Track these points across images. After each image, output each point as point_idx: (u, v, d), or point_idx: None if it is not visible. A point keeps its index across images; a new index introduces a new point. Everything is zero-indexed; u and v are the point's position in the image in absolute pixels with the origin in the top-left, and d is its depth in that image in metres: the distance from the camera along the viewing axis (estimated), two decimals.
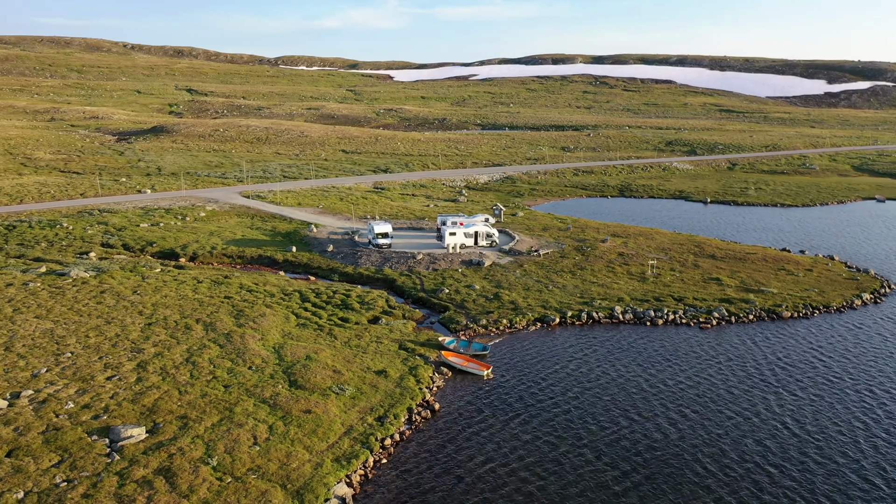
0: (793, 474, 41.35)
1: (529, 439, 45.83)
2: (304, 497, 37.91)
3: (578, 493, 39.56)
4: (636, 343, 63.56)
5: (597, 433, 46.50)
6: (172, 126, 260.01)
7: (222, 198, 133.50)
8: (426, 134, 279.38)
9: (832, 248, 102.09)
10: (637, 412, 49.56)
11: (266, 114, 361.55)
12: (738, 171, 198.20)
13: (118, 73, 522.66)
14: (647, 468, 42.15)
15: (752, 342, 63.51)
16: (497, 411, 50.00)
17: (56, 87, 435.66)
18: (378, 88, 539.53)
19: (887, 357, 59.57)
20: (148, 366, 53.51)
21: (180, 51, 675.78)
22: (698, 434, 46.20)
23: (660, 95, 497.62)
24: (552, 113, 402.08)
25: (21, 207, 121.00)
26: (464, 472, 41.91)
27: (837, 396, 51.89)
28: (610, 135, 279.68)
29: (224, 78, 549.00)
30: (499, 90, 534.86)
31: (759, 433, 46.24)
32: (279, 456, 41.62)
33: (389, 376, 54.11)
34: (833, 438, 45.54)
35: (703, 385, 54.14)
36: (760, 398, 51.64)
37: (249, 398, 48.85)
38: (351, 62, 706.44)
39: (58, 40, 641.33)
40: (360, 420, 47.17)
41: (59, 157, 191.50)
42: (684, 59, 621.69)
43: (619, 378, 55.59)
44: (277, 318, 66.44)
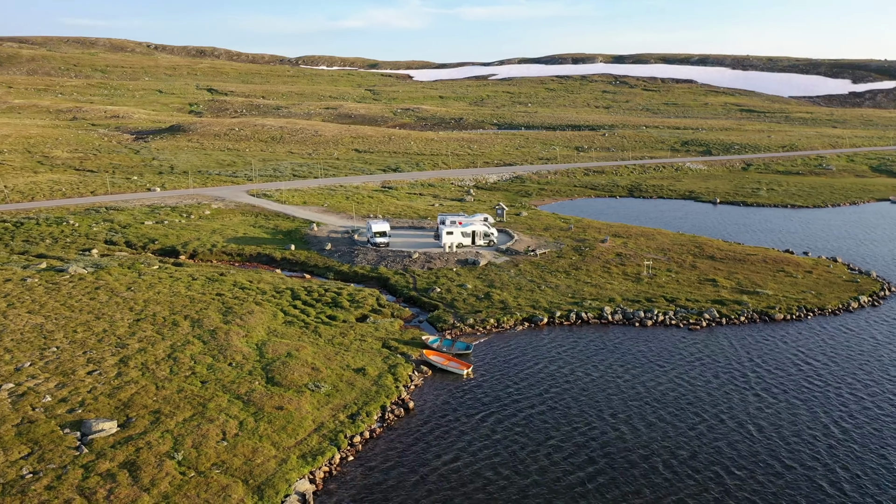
0: (758, 477, 40.85)
1: (500, 438, 45.73)
2: (264, 492, 38.20)
3: (540, 493, 39.41)
4: (622, 344, 63.12)
5: (569, 433, 46.27)
6: (189, 125, 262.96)
7: (229, 196, 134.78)
8: (440, 133, 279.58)
9: (837, 249, 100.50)
10: (612, 413, 49.24)
11: (284, 113, 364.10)
12: (753, 171, 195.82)
13: (141, 72, 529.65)
14: (613, 470, 41.87)
15: (738, 344, 62.79)
16: (472, 410, 49.96)
17: (80, 86, 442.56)
18: (397, 88, 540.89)
19: (872, 361, 58.57)
20: (130, 361, 54.23)
21: (202, 51, 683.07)
22: (669, 435, 45.79)
23: (680, 95, 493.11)
24: (570, 113, 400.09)
25: (32, 205, 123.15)
26: (428, 470, 41.94)
27: (814, 399, 51.15)
28: (625, 135, 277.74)
29: (245, 78, 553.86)
30: (518, 90, 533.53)
31: (730, 436, 45.72)
32: (245, 451, 41.97)
33: (368, 374, 54.29)
34: (802, 441, 44.99)
35: (682, 387, 53.63)
36: (737, 400, 51.06)
37: (225, 394, 49.33)
38: (371, 62, 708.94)
39: (83, 41, 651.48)
40: (331, 417, 47.39)
41: (75, 155, 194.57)
42: (706, 59, 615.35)
43: (600, 379, 55.24)
44: (265, 316, 66.97)
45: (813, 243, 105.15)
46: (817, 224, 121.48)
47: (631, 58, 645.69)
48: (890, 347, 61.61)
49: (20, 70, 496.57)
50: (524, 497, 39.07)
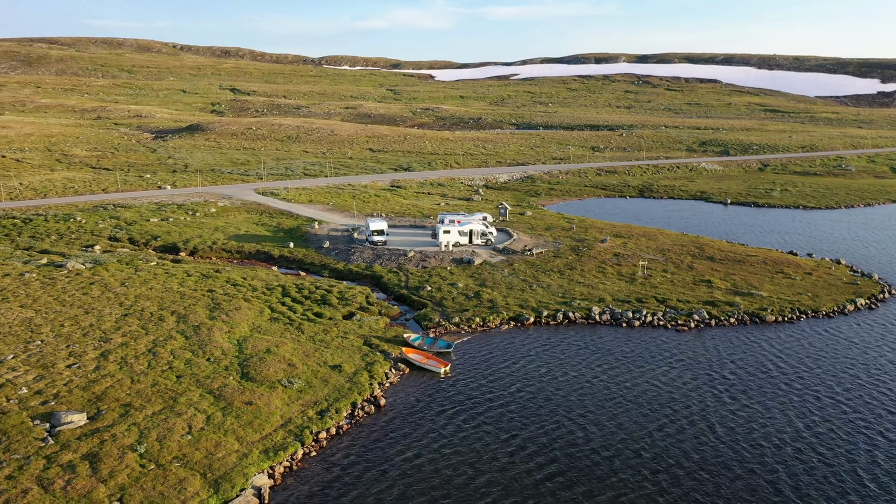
0: (717, 479, 40.25)
1: (466, 437, 45.61)
2: (220, 486, 38.53)
3: (494, 490, 39.24)
4: (605, 344, 62.58)
5: (535, 433, 46.00)
6: (208, 124, 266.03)
7: (237, 194, 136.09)
8: (456, 133, 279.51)
9: (843, 251, 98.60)
10: (582, 413, 48.85)
11: (304, 112, 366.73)
12: (769, 171, 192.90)
13: (166, 72, 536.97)
14: (572, 469, 41.56)
15: (722, 346, 61.93)
16: (443, 408, 49.88)
17: (106, 86, 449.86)
18: (418, 88, 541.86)
19: (856, 364, 57.35)
20: (110, 355, 55.02)
21: (227, 51, 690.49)
22: (636, 436, 45.33)
23: (703, 95, 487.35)
24: (590, 113, 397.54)
25: (44, 201, 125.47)
26: (389, 467, 41.96)
27: (790, 403, 50.32)
28: (643, 135, 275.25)
29: (268, 78, 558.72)
30: (539, 90, 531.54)
31: (698, 437, 45.15)
32: (208, 445, 42.36)
33: (343, 371, 54.49)
34: (770, 444, 44.36)
35: (658, 388, 53.04)
36: (711, 402, 50.39)
37: (197, 388, 49.83)
38: (393, 62, 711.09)
39: (111, 41, 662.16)
40: (300, 413, 47.64)
41: (93, 153, 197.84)
42: (731, 58, 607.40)
43: (576, 379, 54.82)
44: (252, 312, 67.52)
45: (819, 245, 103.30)
46: (826, 225, 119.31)
47: (654, 57, 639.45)
48: (875, 351, 60.35)
49: (49, 70, 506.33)
50: (479, 494, 38.94)
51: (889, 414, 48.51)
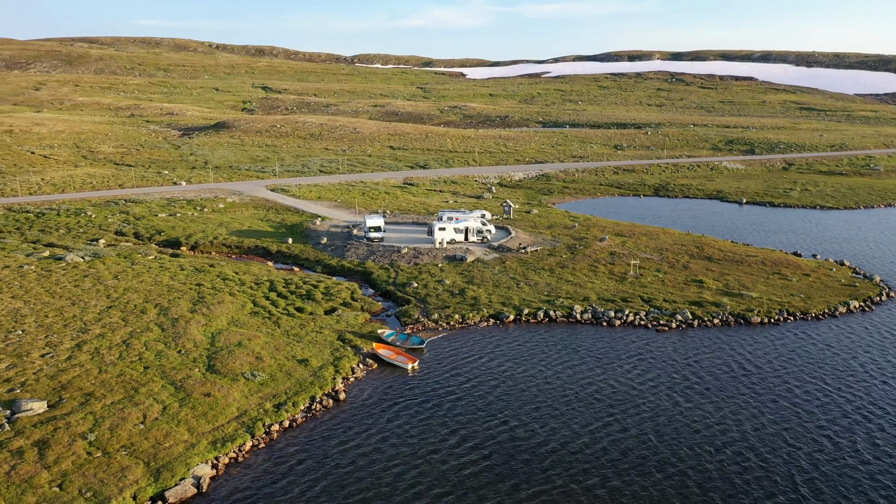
0: (650, 478, 39.69)
1: (413, 431, 45.69)
2: (161, 474, 39.26)
3: (425, 483, 39.28)
4: (579, 343, 62.02)
5: (481, 429, 45.87)
6: (233, 122, 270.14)
7: (248, 190, 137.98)
8: (479, 131, 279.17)
9: (850, 252, 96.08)
10: (534, 409, 48.57)
11: (332, 110, 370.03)
12: (793, 171, 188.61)
13: (201, 71, 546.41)
14: (509, 465, 41.33)
15: (695, 347, 60.92)
16: (402, 404, 50.01)
17: (141, 85, 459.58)
18: (448, 86, 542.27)
19: (815, 370, 55.65)
20: (85, 346, 56.39)
21: (261, 50, 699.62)
22: (580, 434, 44.92)
23: (738, 93, 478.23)
24: (620, 111, 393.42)
25: (60, 196, 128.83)
26: (333, 461, 42.25)
27: (745, 405, 49.30)
28: (669, 133, 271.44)
29: (300, 76, 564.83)
30: (570, 87, 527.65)
31: (643, 437, 44.52)
32: (158, 435, 43.17)
33: (309, 365, 54.98)
34: (714, 446, 43.62)
35: (617, 387, 52.38)
36: (666, 403, 49.59)
37: (161, 379, 50.79)
38: (425, 60, 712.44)
39: (149, 41, 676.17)
40: (257, 405, 48.23)
41: (119, 150, 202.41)
42: (768, 55, 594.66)
43: (538, 376, 54.46)
44: (234, 306, 68.49)
45: (826, 245, 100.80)
46: (840, 226, 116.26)
47: (689, 55, 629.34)
48: (848, 354, 58.79)
49: (88, 69, 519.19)
50: (406, 486, 39.10)
51: (842, 417, 47.38)
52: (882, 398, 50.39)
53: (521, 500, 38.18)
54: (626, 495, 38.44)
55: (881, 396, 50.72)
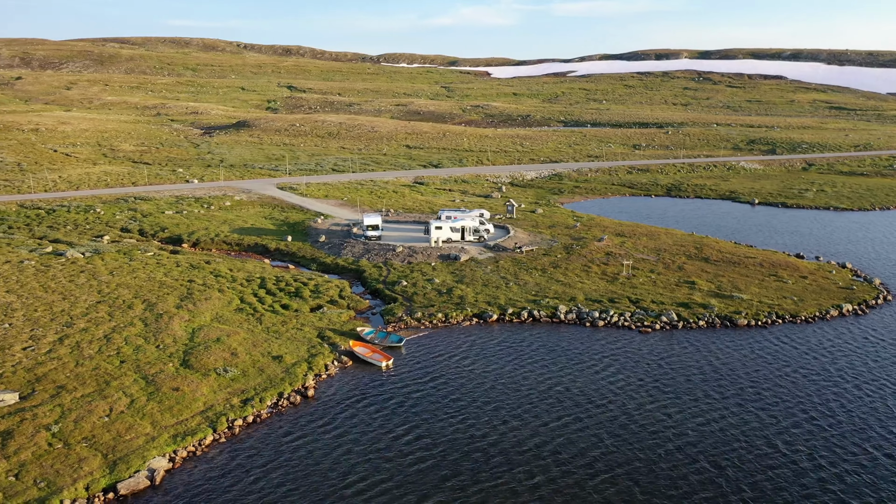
0: (580, 474, 39.40)
1: (375, 429, 45.89)
2: (116, 466, 40.02)
3: (370, 478, 39.49)
4: (559, 344, 61.69)
5: (439, 427, 45.94)
6: (254, 121, 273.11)
7: (257, 189, 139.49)
8: (498, 130, 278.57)
9: (855, 254, 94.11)
10: (496, 408, 48.55)
11: (355, 109, 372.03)
12: (813, 171, 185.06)
13: (229, 71, 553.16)
14: (459, 463, 41.35)
15: (673, 348, 60.29)
16: (370, 402, 50.26)
17: (169, 84, 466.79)
18: (472, 85, 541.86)
19: (784, 374, 54.57)
20: (67, 339, 57.60)
21: (289, 49, 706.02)
22: (539, 432, 44.73)
23: (766, 92, 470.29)
24: (644, 110, 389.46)
25: (73, 193, 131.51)
26: (289, 456, 42.66)
27: (694, 407, 48.74)
28: (691, 132, 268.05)
29: (326, 75, 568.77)
30: (594, 87, 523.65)
31: (599, 436, 44.24)
32: (120, 428, 43.98)
33: (283, 361, 55.51)
34: (650, 446, 43.39)
35: (583, 387, 52.08)
36: (631, 404, 49.16)
37: (134, 373, 51.69)
38: (451, 59, 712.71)
39: (178, 41, 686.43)
40: (224, 401, 48.86)
41: (139, 148, 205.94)
42: (799, 54, 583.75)
43: (508, 376, 54.33)
44: (220, 302, 69.37)
45: (832, 247, 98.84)
46: (850, 227, 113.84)
47: (718, 53, 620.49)
48: (826, 358, 57.62)
49: (119, 69, 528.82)
50: (358, 482, 39.34)
51: (806, 422, 46.67)
52: (851, 403, 49.41)
53: (464, 497, 38.22)
54: (566, 494, 38.31)
55: (850, 401, 49.74)
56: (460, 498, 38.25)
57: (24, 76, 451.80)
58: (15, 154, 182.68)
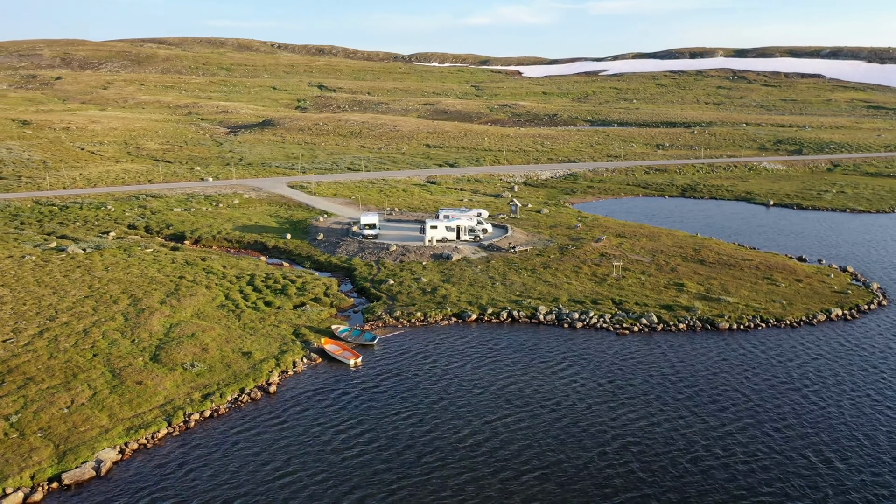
0: (528, 476, 39.19)
1: (325, 426, 46.32)
2: (65, 457, 41.10)
3: (320, 476, 39.88)
4: (532, 344, 61.43)
5: (386, 425, 46.18)
6: (279, 120, 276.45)
7: (268, 187, 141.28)
8: (520, 130, 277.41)
9: (860, 258, 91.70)
10: (454, 409, 48.47)
11: (383, 109, 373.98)
12: (838, 172, 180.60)
13: (262, 70, 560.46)
14: (396, 459, 41.50)
15: (645, 351, 59.59)
16: (330, 399, 50.71)
17: (202, 83, 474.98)
18: (502, 84, 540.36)
19: (743, 380, 53.58)
20: (46, 332, 59.22)
21: (321, 49, 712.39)
22: (481, 430, 44.73)
23: (802, 91, 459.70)
24: (674, 109, 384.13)
25: (89, 190, 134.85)
26: (236, 450, 43.32)
27: (643, 410, 48.19)
28: (718, 132, 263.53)
29: (357, 75, 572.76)
30: (626, 86, 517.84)
31: (541, 437, 44.00)
32: (77, 420, 45.11)
33: (252, 357, 56.28)
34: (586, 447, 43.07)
35: (539, 388, 51.80)
36: (579, 406, 48.83)
37: (103, 367, 52.94)
38: (482, 58, 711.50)
39: (214, 41, 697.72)
40: (185, 395, 49.75)
41: (163, 147, 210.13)
42: (839, 51, 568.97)
43: (475, 377, 54.30)
44: (205, 299, 70.53)
45: (838, 250, 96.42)
46: (862, 230, 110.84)
47: (754, 51, 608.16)
48: (792, 365, 56.51)
49: (155, 69, 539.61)
50: (298, 476, 39.81)
51: (753, 427, 46.18)
52: (804, 409, 48.57)
53: (391, 490, 38.68)
54: (490, 490, 38.68)
55: (804, 407, 48.91)
56: (388, 491, 38.67)
57: (64, 76, 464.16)
58: (43, 152, 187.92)
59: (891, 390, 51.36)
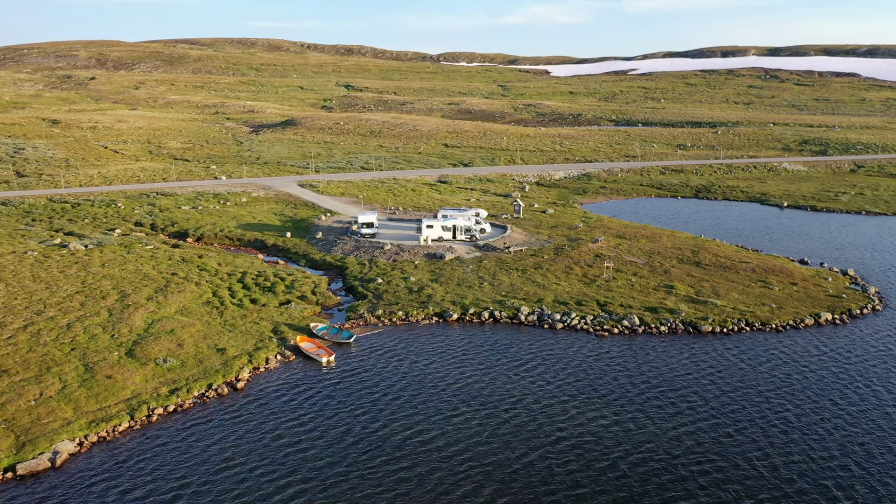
0: (478, 474, 39.06)
1: (282, 423, 46.70)
2: (24, 448, 42.13)
3: (267, 470, 40.22)
4: (507, 345, 61.18)
5: (352, 424, 46.32)
6: (301, 119, 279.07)
7: (278, 185, 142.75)
8: (540, 129, 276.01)
9: (863, 261, 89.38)
10: (411, 409, 48.54)
11: (408, 108, 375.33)
12: (861, 173, 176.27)
13: (291, 70, 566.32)
14: (357, 461, 41.66)
15: (620, 354, 58.94)
16: (295, 396, 51.15)
17: (232, 83, 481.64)
18: (529, 84, 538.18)
19: (715, 383, 52.59)
20: (30, 326, 60.69)
21: (350, 49, 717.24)
22: (446, 431, 44.60)
23: (836, 90, 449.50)
24: (702, 109, 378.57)
25: (103, 188, 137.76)
26: (192, 445, 43.94)
27: (598, 412, 47.44)
28: (742, 132, 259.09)
29: (385, 74, 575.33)
30: (655, 85, 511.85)
31: (493, 437, 43.78)
32: (42, 412, 46.18)
33: (226, 354, 56.99)
34: (535, 447, 42.73)
35: (505, 389, 51.47)
36: (535, 407, 48.39)
37: (78, 361, 54.09)
38: (511, 58, 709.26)
39: (245, 41, 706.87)
40: (153, 390, 50.59)
41: (184, 146, 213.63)
42: (875, 50, 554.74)
43: (443, 377, 54.25)
44: (192, 295, 71.59)
45: (843, 253, 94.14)
46: (872, 233, 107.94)
47: (788, 50, 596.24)
48: (763, 369, 55.12)
49: (187, 69, 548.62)
50: (246, 472, 40.22)
51: (708, 430, 45.21)
52: (759, 415, 47.51)
53: (334, 484, 38.96)
54: (429, 483, 38.90)
55: (759, 413, 47.77)
56: (324, 484, 39.24)
57: (98, 76, 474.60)
58: (67, 150, 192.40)
59: (857, 395, 50.11)
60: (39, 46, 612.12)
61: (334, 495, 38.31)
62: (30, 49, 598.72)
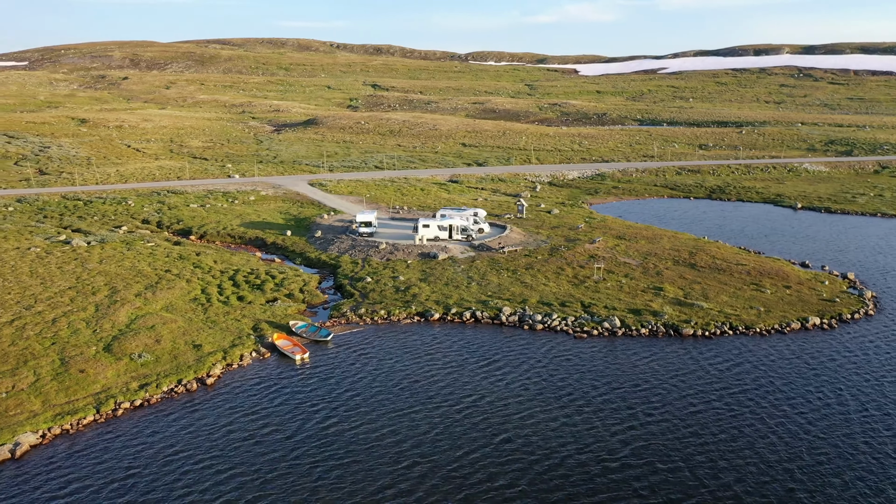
0: (435, 475, 39.05)
1: (243, 422, 47.21)
2: None
3: (224, 466, 40.78)
4: (481, 345, 60.99)
5: (312, 423, 46.66)
6: (322, 118, 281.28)
7: (287, 184, 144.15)
8: (561, 129, 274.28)
9: (866, 264, 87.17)
10: (376, 406, 48.71)
11: (433, 108, 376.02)
12: (885, 174, 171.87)
13: (319, 70, 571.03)
14: (313, 462, 41.97)
15: (594, 356, 58.33)
16: (263, 393, 51.69)
17: (260, 83, 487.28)
18: (556, 83, 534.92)
19: (673, 389, 51.58)
20: (17, 321, 62.25)
21: (378, 49, 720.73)
22: (417, 434, 44.64)
23: (871, 89, 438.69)
24: (731, 108, 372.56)
25: (118, 186, 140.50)
26: (153, 440, 44.69)
27: (552, 414, 46.80)
28: (767, 132, 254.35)
29: (413, 74, 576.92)
30: (684, 84, 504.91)
31: (460, 441, 43.69)
32: (11, 404, 47.39)
33: (201, 350, 57.82)
34: (501, 448, 42.17)
35: (469, 390, 51.31)
36: (497, 407, 48.09)
37: (55, 355, 55.34)
38: (539, 57, 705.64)
39: (275, 41, 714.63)
40: (123, 384, 51.56)
41: (204, 144, 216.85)
42: None
43: (412, 377, 54.30)
44: (181, 292, 72.75)
45: (845, 256, 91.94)
46: (882, 235, 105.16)
47: (823, 48, 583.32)
48: (730, 374, 53.92)
49: (217, 69, 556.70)
50: (204, 469, 40.80)
51: (660, 434, 44.47)
52: (713, 420, 46.53)
53: (269, 478, 39.20)
54: (373, 475, 38.74)
55: (716, 419, 46.72)
56: (265, 479, 39.71)
57: (131, 76, 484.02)
58: (90, 149, 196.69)
59: (820, 402, 48.93)
60: (76, 47, 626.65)
61: (277, 488, 38.75)
62: (66, 50, 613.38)
